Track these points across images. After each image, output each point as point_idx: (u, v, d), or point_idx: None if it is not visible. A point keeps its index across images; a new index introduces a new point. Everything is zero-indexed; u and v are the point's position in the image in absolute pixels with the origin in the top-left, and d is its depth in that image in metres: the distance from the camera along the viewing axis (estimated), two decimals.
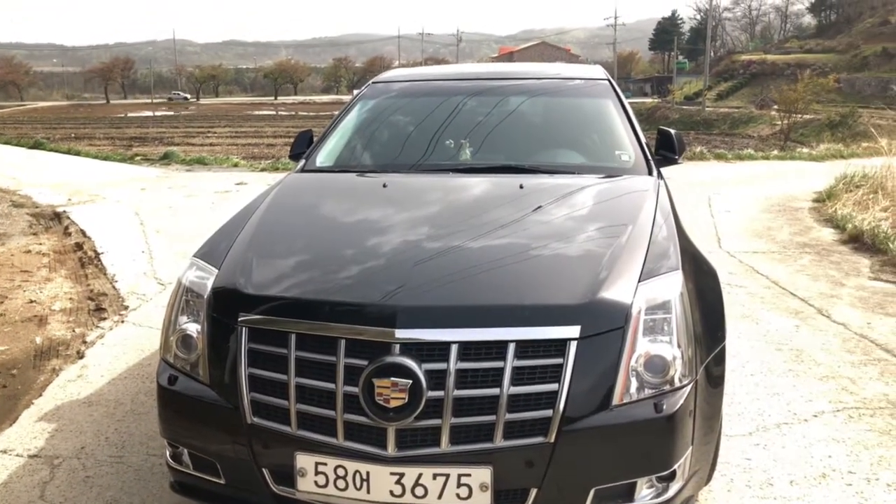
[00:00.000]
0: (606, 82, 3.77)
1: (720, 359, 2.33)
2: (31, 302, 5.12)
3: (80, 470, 2.88)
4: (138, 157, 16.45)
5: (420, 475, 1.99)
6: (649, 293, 2.18)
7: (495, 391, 1.99)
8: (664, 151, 3.45)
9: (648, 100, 62.28)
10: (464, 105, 3.66)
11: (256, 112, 59.14)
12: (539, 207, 2.71)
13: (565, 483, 2.02)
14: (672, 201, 2.95)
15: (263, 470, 2.14)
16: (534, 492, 2.02)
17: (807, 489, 2.69)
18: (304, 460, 2.07)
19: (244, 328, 2.17)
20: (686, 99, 56.82)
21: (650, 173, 3.15)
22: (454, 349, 2.00)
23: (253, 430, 2.11)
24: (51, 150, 18.42)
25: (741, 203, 8.85)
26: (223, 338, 2.22)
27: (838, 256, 6.10)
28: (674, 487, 2.12)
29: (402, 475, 2.00)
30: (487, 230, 2.52)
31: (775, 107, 32.43)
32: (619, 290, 2.16)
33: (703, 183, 10.89)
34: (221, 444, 2.20)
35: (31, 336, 4.45)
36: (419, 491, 2.00)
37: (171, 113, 57.75)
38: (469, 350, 2.01)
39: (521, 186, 2.91)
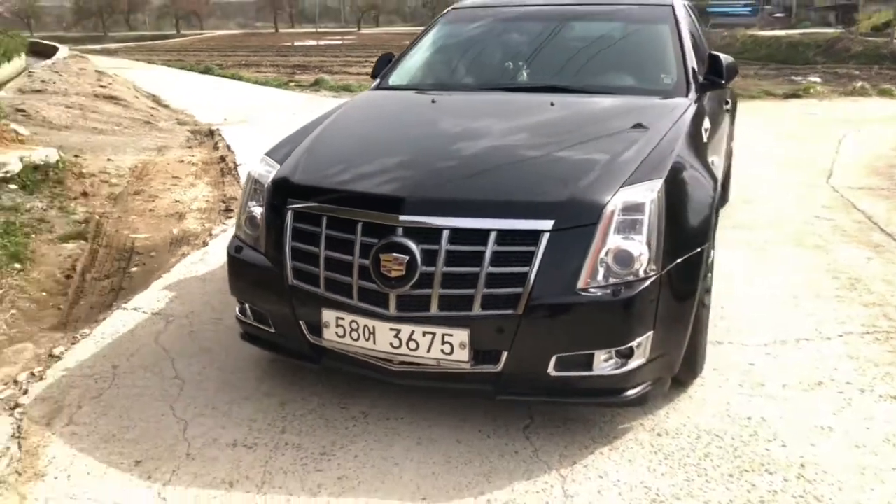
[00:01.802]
0: (669, 8, 3.90)
1: (694, 262, 2.58)
2: (176, 202, 6.02)
3: (186, 326, 3.59)
4: (292, 84, 17.61)
5: (413, 332, 2.46)
6: (627, 196, 2.47)
7: (476, 270, 2.39)
8: (712, 76, 3.57)
9: (830, 30, 56.94)
10: (528, 30, 3.96)
11: None
12: (560, 120, 3.03)
13: (530, 348, 2.41)
14: (700, 120, 3.16)
15: (301, 322, 2.69)
16: (504, 354, 2.43)
17: (796, 393, 2.90)
18: (328, 315, 2.59)
19: (290, 211, 2.70)
20: (873, 30, 51.46)
21: (686, 94, 3.34)
22: (446, 234, 2.42)
23: (293, 290, 2.66)
24: (218, 75, 20.03)
25: (878, 141, 8.38)
26: (276, 218, 2.76)
27: None
28: (633, 363, 2.45)
29: (399, 331, 2.47)
30: (500, 138, 2.90)
31: None
32: (599, 192, 2.47)
33: (848, 120, 10.28)
34: (271, 300, 2.77)
35: (171, 228, 5.31)
36: (412, 345, 2.47)
37: (335, 42, 59.82)
38: (458, 235, 2.43)
39: (552, 104, 3.22)
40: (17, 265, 4.36)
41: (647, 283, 2.41)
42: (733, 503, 2.27)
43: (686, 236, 2.58)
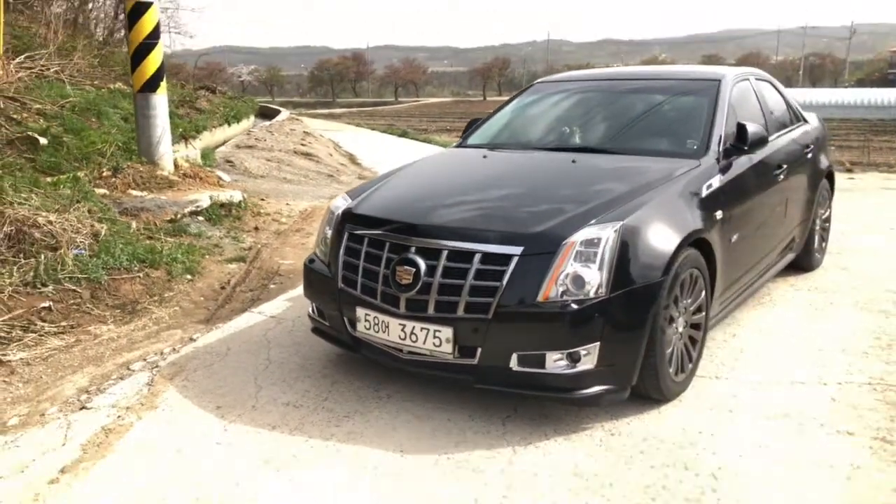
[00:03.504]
0: (716, 83, 4.38)
1: (644, 292, 3.11)
2: None
3: (290, 326, 4.58)
4: None
5: (414, 327, 3.22)
6: (589, 233, 3.10)
7: (462, 282, 3.12)
8: (737, 143, 4.01)
9: None
10: (591, 101, 4.65)
11: None
12: (570, 173, 3.70)
13: (498, 346, 3.08)
14: (704, 180, 3.67)
15: (344, 318, 3.54)
16: (479, 349, 3.11)
17: (758, 420, 3.26)
18: (360, 312, 3.42)
19: (346, 233, 3.60)
20: None
21: (698, 157, 3.83)
22: (444, 253, 3.18)
23: (340, 292, 3.52)
24: (412, 138, 22.01)
25: None
26: (338, 239, 3.66)
27: None
28: (581, 367, 3.03)
29: (404, 326, 3.24)
30: (509, 184, 3.63)
31: None
32: (564, 228, 3.13)
33: None
34: (327, 301, 3.65)
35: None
36: (413, 337, 3.23)
37: None
38: (453, 254, 3.18)
39: (574, 161, 3.88)
40: (189, 276, 5.65)
41: (594, 301, 3.00)
42: (638, 483, 2.76)
43: (638, 270, 3.12)
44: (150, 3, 7.71)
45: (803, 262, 5.49)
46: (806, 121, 5.56)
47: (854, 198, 9.39)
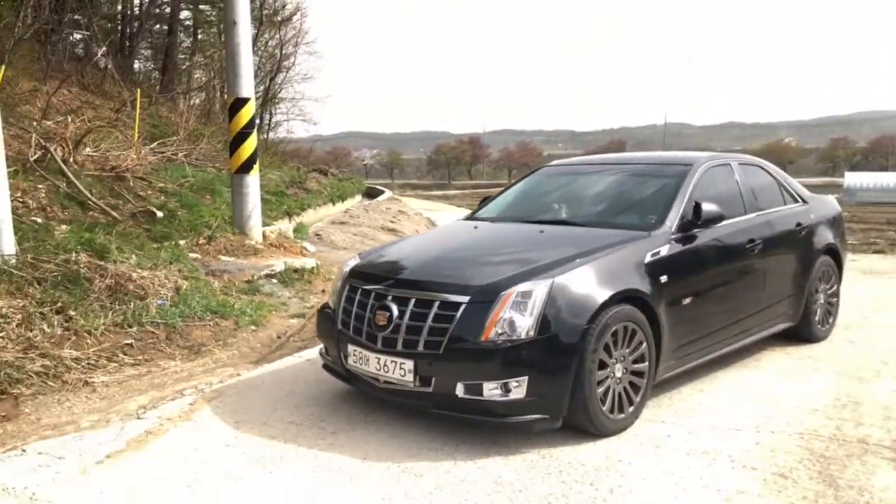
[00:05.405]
0: (688, 167, 4.97)
1: (569, 336, 3.73)
2: None
3: (319, 368, 5.40)
4: None
5: (386, 360, 3.96)
6: (525, 287, 3.78)
7: (423, 324, 3.86)
8: (693, 219, 4.56)
9: None
10: (579, 182, 5.35)
11: None
12: (532, 241, 4.40)
13: (447, 376, 3.77)
14: (646, 248, 4.26)
15: (341, 354, 4.32)
16: (434, 378, 3.81)
17: (677, 456, 3.74)
18: (350, 349, 4.20)
19: (347, 284, 4.43)
20: None
21: (651, 230, 4.43)
22: (412, 301, 3.94)
23: (339, 332, 4.33)
24: None
25: None
26: (342, 289, 4.49)
27: None
28: (512, 396, 3.67)
29: (380, 359, 3.99)
30: (478, 248, 4.38)
31: None
32: (504, 283, 3.82)
33: None
34: (331, 340, 4.46)
35: None
36: (385, 369, 3.97)
37: None
38: (418, 302, 3.93)
39: (542, 231, 4.57)
40: (253, 327, 6.63)
41: (523, 342, 3.66)
42: (544, 492, 3.33)
43: (564, 318, 3.74)
44: (248, 99, 9.09)
45: (802, 332, 5.78)
46: (805, 202, 5.95)
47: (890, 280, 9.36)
